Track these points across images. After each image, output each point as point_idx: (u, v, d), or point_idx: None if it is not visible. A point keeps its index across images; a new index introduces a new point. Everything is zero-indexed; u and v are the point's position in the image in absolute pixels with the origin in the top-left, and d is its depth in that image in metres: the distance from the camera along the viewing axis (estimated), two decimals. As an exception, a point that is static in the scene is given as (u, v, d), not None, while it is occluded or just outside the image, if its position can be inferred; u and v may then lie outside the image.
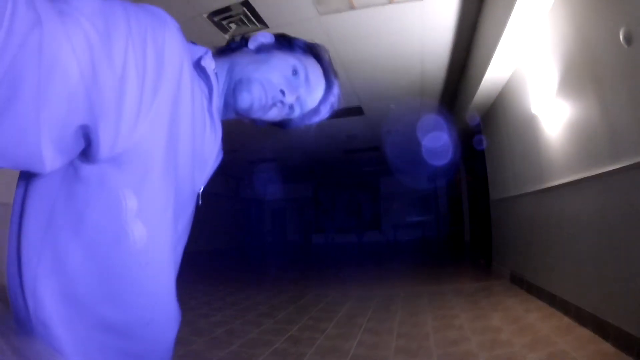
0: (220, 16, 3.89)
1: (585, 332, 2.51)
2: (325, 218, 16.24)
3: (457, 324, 3.02)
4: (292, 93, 0.65)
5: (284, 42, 0.69)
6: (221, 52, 0.68)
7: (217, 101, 0.61)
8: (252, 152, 10.19)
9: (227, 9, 3.76)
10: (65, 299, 0.46)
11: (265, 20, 3.98)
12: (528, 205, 3.90)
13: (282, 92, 0.64)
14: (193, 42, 0.60)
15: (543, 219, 3.50)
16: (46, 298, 0.45)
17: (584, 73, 2.50)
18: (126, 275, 0.49)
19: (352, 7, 3.80)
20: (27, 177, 0.47)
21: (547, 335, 2.54)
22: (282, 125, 0.75)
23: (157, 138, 0.47)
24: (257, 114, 0.66)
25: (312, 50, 0.72)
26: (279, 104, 0.65)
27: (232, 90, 0.63)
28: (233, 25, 4.08)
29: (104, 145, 0.42)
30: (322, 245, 14.81)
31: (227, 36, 4.24)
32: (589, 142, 2.52)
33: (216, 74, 0.60)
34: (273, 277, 6.88)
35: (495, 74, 4.05)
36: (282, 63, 0.65)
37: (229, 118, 0.69)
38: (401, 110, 7.01)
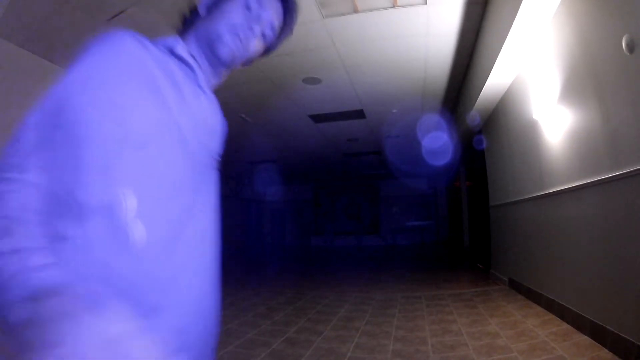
0: (224, 17, 3.91)
1: (583, 339, 2.51)
2: (324, 220, 16.23)
3: (454, 329, 3.01)
4: (257, 23, 0.71)
5: None
6: (183, 31, 0.73)
7: (203, 75, 0.68)
8: (252, 153, 10.20)
9: (231, 9, 3.78)
10: None
11: (269, 22, 4.00)
12: (528, 210, 3.90)
13: (250, 27, 0.70)
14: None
15: (542, 225, 3.50)
16: None
17: (585, 80, 2.51)
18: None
19: (355, 10, 3.81)
20: None
21: (545, 341, 2.53)
22: (267, 51, 0.79)
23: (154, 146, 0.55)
24: (242, 57, 0.71)
25: None
26: (253, 38, 0.71)
27: (211, 52, 0.68)
28: (237, 26, 4.10)
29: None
30: (321, 248, 14.79)
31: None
32: (590, 149, 2.52)
33: (192, 55, 0.67)
34: (271, 278, 6.86)
35: (497, 79, 4.05)
36: (234, 6, 0.70)
37: (223, 78, 0.76)
38: (403, 115, 7.02)
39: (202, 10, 0.72)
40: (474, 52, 4.58)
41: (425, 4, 3.66)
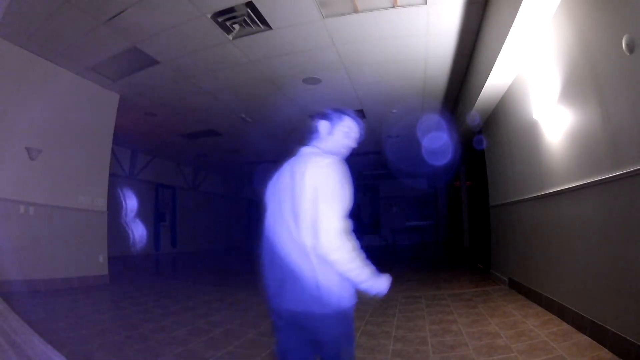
0: (224, 17, 3.90)
1: (583, 338, 2.51)
2: (324, 220, 16.21)
3: (454, 329, 3.01)
4: (351, 140, 1.44)
5: (333, 120, 1.42)
6: (311, 140, 1.44)
7: None
8: (252, 153, 10.20)
9: (231, 9, 3.77)
10: None
11: (269, 22, 3.99)
12: (528, 210, 3.90)
13: (349, 143, 1.44)
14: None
15: (542, 225, 3.50)
16: None
17: (585, 80, 2.51)
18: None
19: (355, 10, 3.82)
20: None
21: (545, 341, 2.53)
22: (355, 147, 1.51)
23: None
24: (346, 154, 1.44)
25: (343, 113, 1.44)
26: (350, 146, 1.45)
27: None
28: (237, 26, 4.09)
29: None
30: (320, 248, 14.75)
31: (230, 37, 4.25)
32: (590, 149, 2.52)
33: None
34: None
35: (497, 79, 4.05)
36: (340, 134, 1.42)
37: None
38: (403, 115, 7.02)
39: (322, 133, 1.41)
40: (474, 52, 4.59)
41: (425, 4, 3.66)
